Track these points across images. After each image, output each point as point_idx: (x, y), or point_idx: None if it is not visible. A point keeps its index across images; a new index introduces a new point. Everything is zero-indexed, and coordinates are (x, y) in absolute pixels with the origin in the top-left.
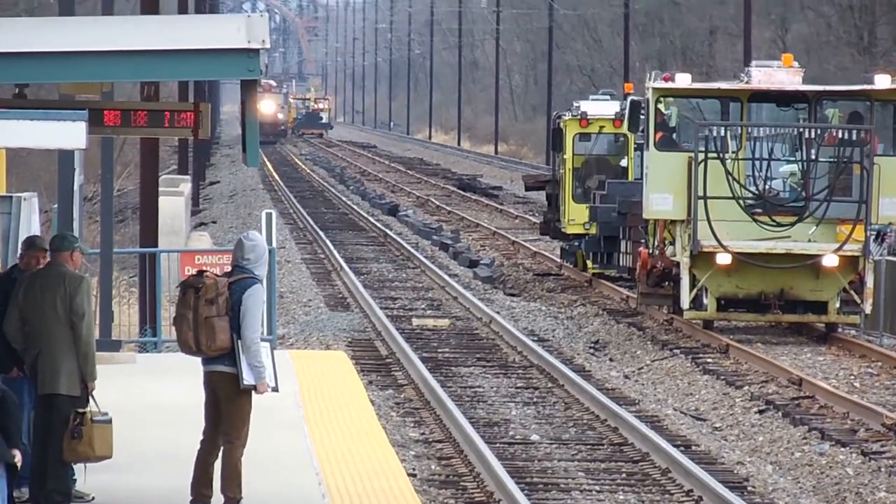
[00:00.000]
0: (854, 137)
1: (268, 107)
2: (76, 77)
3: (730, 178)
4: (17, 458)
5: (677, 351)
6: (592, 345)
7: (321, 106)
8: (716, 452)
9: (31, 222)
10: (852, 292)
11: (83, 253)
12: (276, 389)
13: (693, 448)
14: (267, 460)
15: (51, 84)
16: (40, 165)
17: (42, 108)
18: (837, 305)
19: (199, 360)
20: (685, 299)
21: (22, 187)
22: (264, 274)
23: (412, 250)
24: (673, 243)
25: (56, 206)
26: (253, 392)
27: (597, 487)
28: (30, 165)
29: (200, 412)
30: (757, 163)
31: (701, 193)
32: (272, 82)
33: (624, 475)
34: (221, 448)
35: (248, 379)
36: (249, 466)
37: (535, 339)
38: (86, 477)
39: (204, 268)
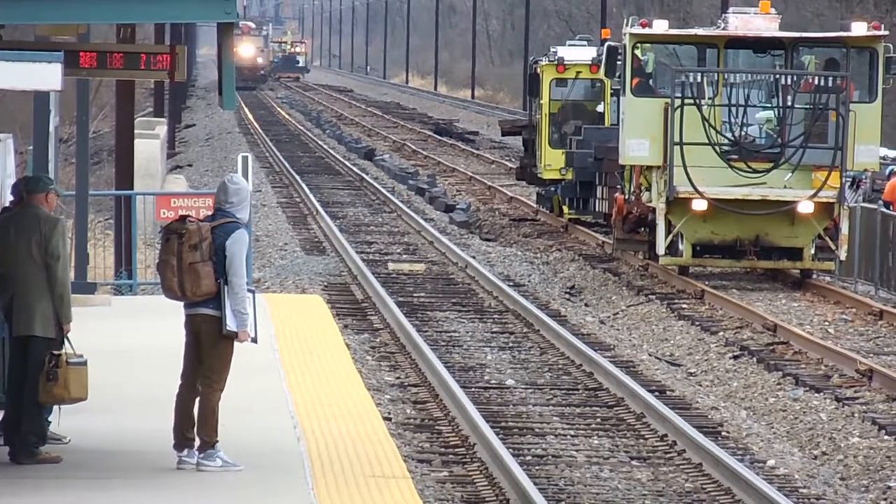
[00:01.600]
0: (830, 84)
1: (246, 50)
2: (53, 19)
3: (706, 124)
4: None
5: (653, 297)
6: (568, 290)
7: (297, 49)
8: (690, 398)
9: (6, 164)
10: (827, 239)
11: (58, 195)
12: (255, 340)
13: (668, 393)
14: (243, 404)
15: (27, 25)
16: (16, 106)
17: (18, 50)
18: (812, 252)
19: (178, 303)
20: (661, 245)
21: None
22: (247, 217)
23: (388, 195)
24: (649, 189)
25: (31, 147)
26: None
27: (571, 432)
28: (5, 107)
29: (177, 355)
30: (733, 109)
31: (677, 139)
32: (251, 24)
33: (599, 420)
34: (200, 391)
35: (230, 325)
36: (225, 410)
37: (511, 284)
38: (60, 419)
39: (184, 212)
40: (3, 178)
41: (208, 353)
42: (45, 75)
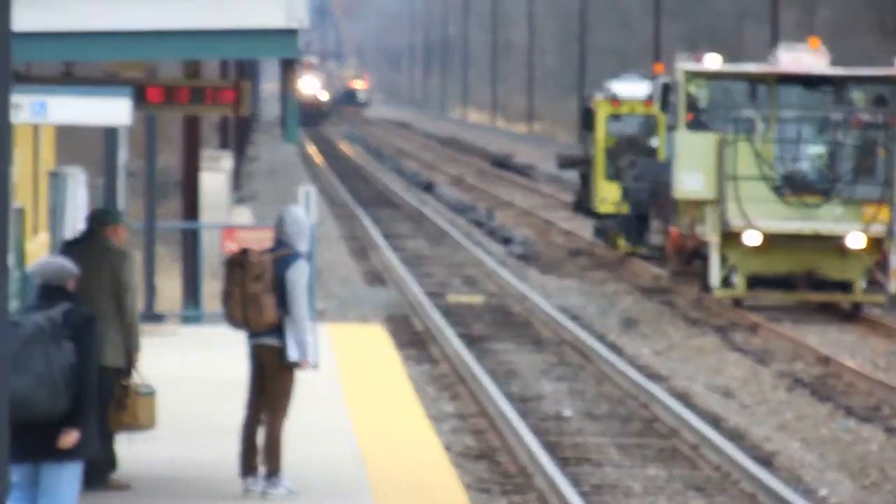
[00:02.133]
0: (879, 120)
1: (309, 85)
2: (122, 56)
3: (759, 159)
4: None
5: (707, 329)
6: (624, 322)
7: (358, 84)
8: (744, 429)
9: (77, 196)
10: (878, 272)
11: (127, 227)
12: (315, 367)
13: (722, 424)
14: (306, 433)
15: (97, 61)
16: (86, 141)
17: (88, 85)
18: (863, 285)
19: (242, 333)
20: (715, 278)
21: (69, 163)
22: (306, 248)
23: (447, 227)
24: (703, 223)
25: (101, 180)
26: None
27: (628, 462)
28: (76, 141)
29: (242, 384)
30: (785, 144)
31: (730, 174)
32: (314, 60)
33: (655, 450)
34: (264, 420)
35: (293, 354)
36: (289, 438)
37: (568, 315)
38: (130, 447)
39: (246, 245)
40: (75, 211)
41: (271, 382)
42: (115, 111)
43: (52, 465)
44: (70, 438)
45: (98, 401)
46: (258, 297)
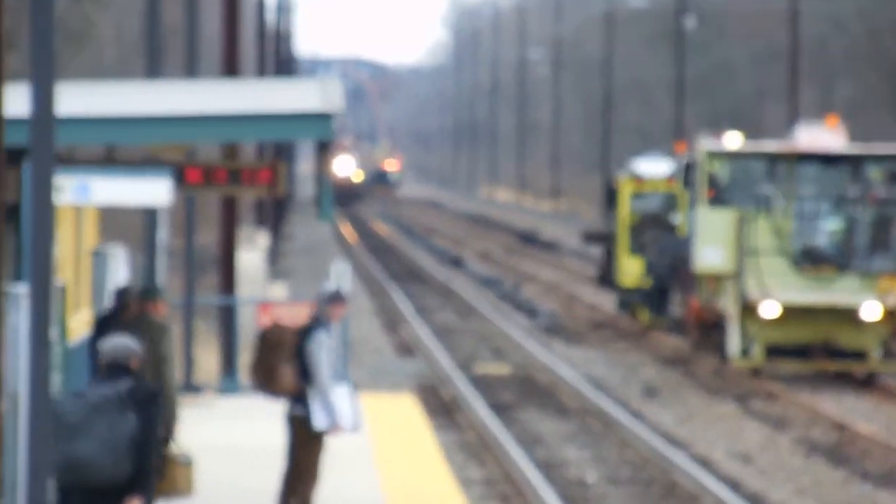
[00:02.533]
0: (894, 197)
1: (343, 166)
2: (162, 139)
3: (777, 234)
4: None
5: (727, 397)
6: (646, 390)
7: (390, 165)
8: (763, 493)
9: (118, 274)
10: (893, 342)
11: (166, 303)
12: (356, 429)
13: (741, 489)
14: (338, 498)
15: (137, 144)
16: (128, 219)
17: (130, 168)
18: (879, 354)
19: (274, 402)
20: (734, 348)
21: (111, 239)
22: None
23: (475, 301)
24: (723, 296)
25: (142, 258)
26: (325, 433)
27: None
28: (118, 219)
29: (276, 452)
30: (803, 220)
31: (750, 249)
32: (347, 140)
33: None
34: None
35: (318, 422)
36: (323, 503)
37: (592, 384)
38: None
39: (277, 318)
40: (116, 288)
41: (298, 449)
42: (155, 192)
43: None
44: None
45: None
46: (273, 367)
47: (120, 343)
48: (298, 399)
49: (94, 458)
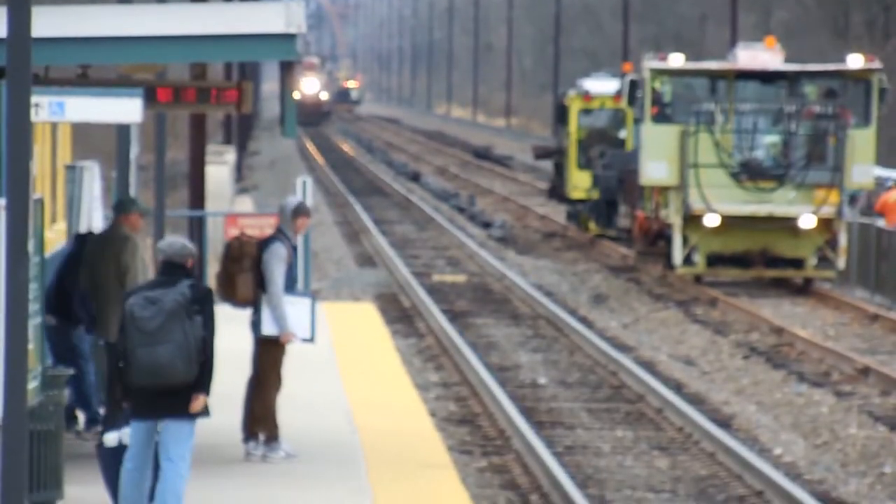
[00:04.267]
0: (829, 112)
1: (311, 86)
2: (134, 59)
3: (718, 148)
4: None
5: (670, 303)
6: (594, 297)
7: (351, 84)
8: (704, 394)
9: (92, 189)
10: (827, 250)
11: (142, 214)
12: (310, 340)
13: (684, 390)
14: (303, 401)
15: (111, 65)
16: (100, 138)
17: (103, 86)
18: (814, 262)
19: (243, 311)
20: (677, 257)
21: (84, 157)
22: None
23: (432, 213)
24: (667, 207)
25: (115, 173)
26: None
27: (598, 425)
28: (91, 138)
29: (243, 358)
30: (742, 134)
31: (692, 162)
32: (315, 59)
33: (623, 414)
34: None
35: (267, 329)
36: (288, 406)
37: (543, 292)
38: None
39: (243, 230)
40: (91, 201)
41: (257, 355)
42: (127, 109)
43: (175, 422)
44: (200, 402)
45: (108, 375)
46: (234, 277)
47: (176, 242)
48: (256, 307)
49: (172, 361)
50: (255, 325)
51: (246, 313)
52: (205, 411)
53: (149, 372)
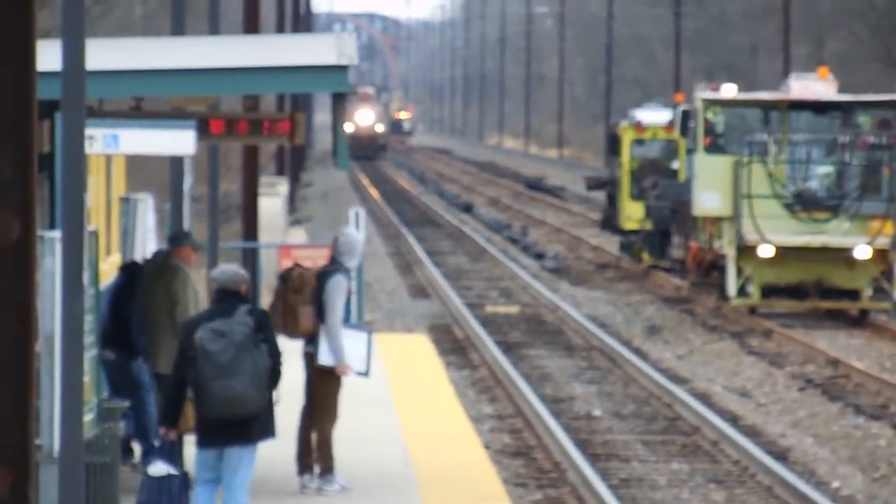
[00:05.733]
0: (883, 142)
1: (365, 117)
2: (187, 91)
3: (771, 179)
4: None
5: (725, 334)
6: (648, 329)
7: (403, 115)
8: (761, 426)
9: (146, 221)
10: (883, 281)
11: (195, 248)
12: (365, 374)
13: (740, 422)
14: (358, 433)
15: (164, 96)
16: (155, 169)
17: (156, 119)
18: (870, 293)
19: (293, 342)
20: (731, 288)
21: (138, 189)
22: (354, 265)
23: (485, 244)
24: (720, 238)
25: (169, 205)
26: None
27: (653, 458)
28: (145, 170)
29: (296, 391)
30: (796, 165)
31: (745, 192)
32: (370, 90)
33: (678, 446)
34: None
35: (323, 359)
36: (343, 438)
37: (597, 323)
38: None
39: (297, 261)
40: (145, 233)
41: (315, 386)
42: (181, 141)
43: (240, 450)
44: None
45: (160, 405)
46: (295, 308)
47: (229, 269)
48: (314, 338)
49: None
50: (310, 355)
51: (299, 344)
52: (271, 432)
53: (224, 404)
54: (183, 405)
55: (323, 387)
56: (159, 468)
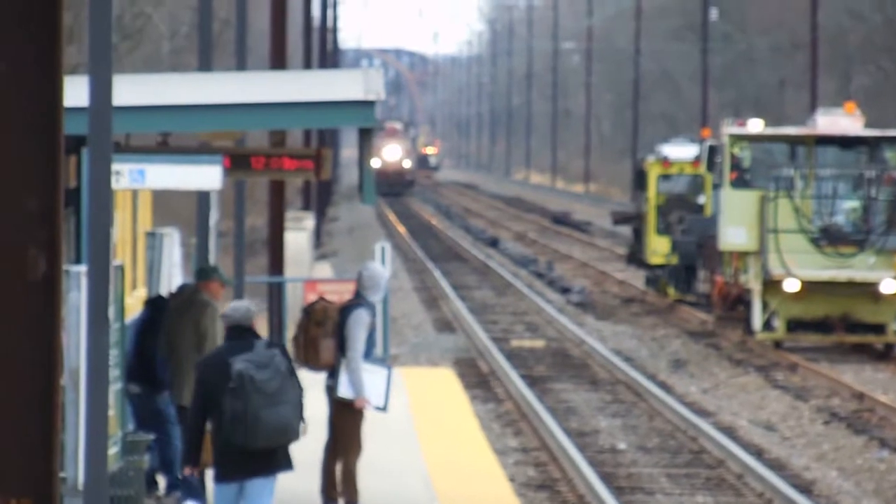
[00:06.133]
0: None
1: (393, 153)
2: (214, 126)
3: (798, 213)
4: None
5: (750, 368)
6: (673, 363)
7: (430, 150)
8: (785, 459)
9: (172, 255)
10: None
11: (223, 283)
12: (383, 409)
13: (765, 455)
14: (382, 466)
15: (190, 132)
16: (180, 204)
17: (183, 154)
18: (895, 327)
19: (316, 375)
20: (757, 322)
21: (165, 223)
22: (378, 299)
23: (511, 279)
24: (746, 272)
25: (195, 240)
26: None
27: (678, 491)
28: (171, 204)
29: (320, 423)
30: (822, 200)
31: (771, 227)
32: (397, 125)
33: (703, 479)
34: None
35: (342, 392)
36: (367, 471)
37: (622, 357)
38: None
39: (322, 295)
40: (170, 268)
41: (336, 419)
42: (207, 176)
43: (262, 481)
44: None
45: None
46: (316, 341)
47: (241, 306)
48: (334, 371)
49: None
50: (332, 389)
51: (321, 377)
52: (291, 462)
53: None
54: (203, 442)
55: (344, 420)
56: None
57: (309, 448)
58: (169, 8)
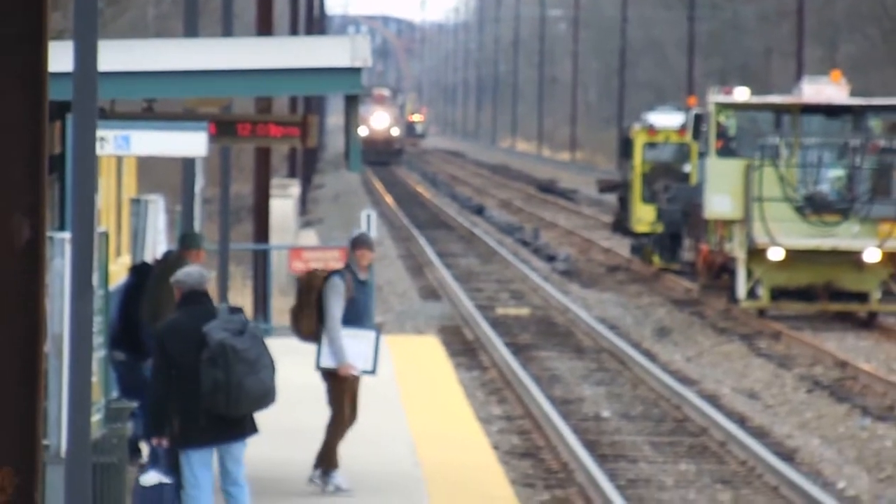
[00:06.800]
0: (894, 146)
1: (380, 120)
2: (199, 93)
3: (783, 182)
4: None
5: (734, 336)
6: (658, 331)
7: (416, 118)
8: (768, 427)
9: (157, 222)
10: (892, 284)
11: (205, 251)
12: (371, 372)
13: (748, 423)
14: (367, 434)
15: (176, 99)
16: (165, 171)
17: (169, 120)
18: (879, 296)
19: (308, 346)
20: (741, 290)
21: (149, 190)
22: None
23: (496, 247)
24: (731, 240)
25: (180, 207)
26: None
27: (661, 458)
28: (156, 171)
29: (307, 391)
30: (807, 168)
31: (756, 196)
32: (385, 92)
33: (686, 447)
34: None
35: (324, 361)
36: (351, 439)
37: (607, 325)
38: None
39: (314, 264)
40: (155, 235)
41: (325, 387)
42: (192, 143)
43: (238, 445)
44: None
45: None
46: (300, 311)
47: (194, 272)
48: (315, 339)
49: (273, 385)
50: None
51: (310, 347)
52: (255, 427)
53: (256, 399)
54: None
55: (329, 388)
56: (151, 477)
57: (292, 417)
58: None
